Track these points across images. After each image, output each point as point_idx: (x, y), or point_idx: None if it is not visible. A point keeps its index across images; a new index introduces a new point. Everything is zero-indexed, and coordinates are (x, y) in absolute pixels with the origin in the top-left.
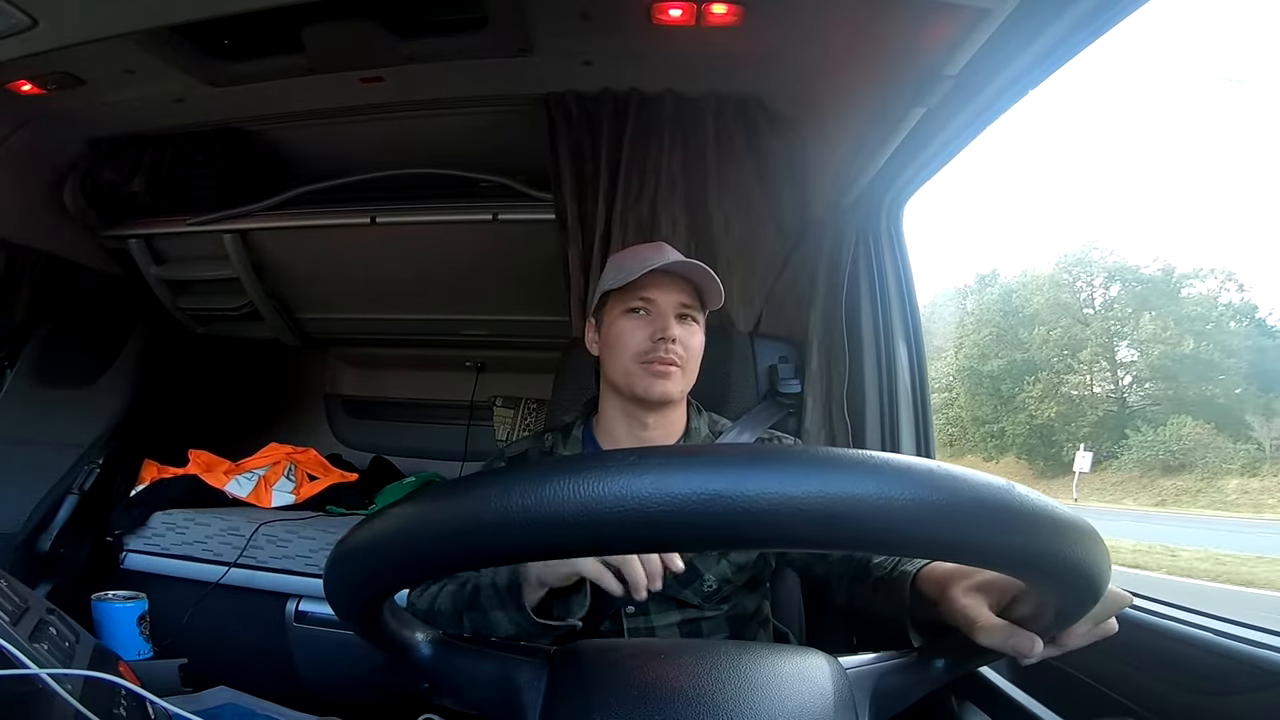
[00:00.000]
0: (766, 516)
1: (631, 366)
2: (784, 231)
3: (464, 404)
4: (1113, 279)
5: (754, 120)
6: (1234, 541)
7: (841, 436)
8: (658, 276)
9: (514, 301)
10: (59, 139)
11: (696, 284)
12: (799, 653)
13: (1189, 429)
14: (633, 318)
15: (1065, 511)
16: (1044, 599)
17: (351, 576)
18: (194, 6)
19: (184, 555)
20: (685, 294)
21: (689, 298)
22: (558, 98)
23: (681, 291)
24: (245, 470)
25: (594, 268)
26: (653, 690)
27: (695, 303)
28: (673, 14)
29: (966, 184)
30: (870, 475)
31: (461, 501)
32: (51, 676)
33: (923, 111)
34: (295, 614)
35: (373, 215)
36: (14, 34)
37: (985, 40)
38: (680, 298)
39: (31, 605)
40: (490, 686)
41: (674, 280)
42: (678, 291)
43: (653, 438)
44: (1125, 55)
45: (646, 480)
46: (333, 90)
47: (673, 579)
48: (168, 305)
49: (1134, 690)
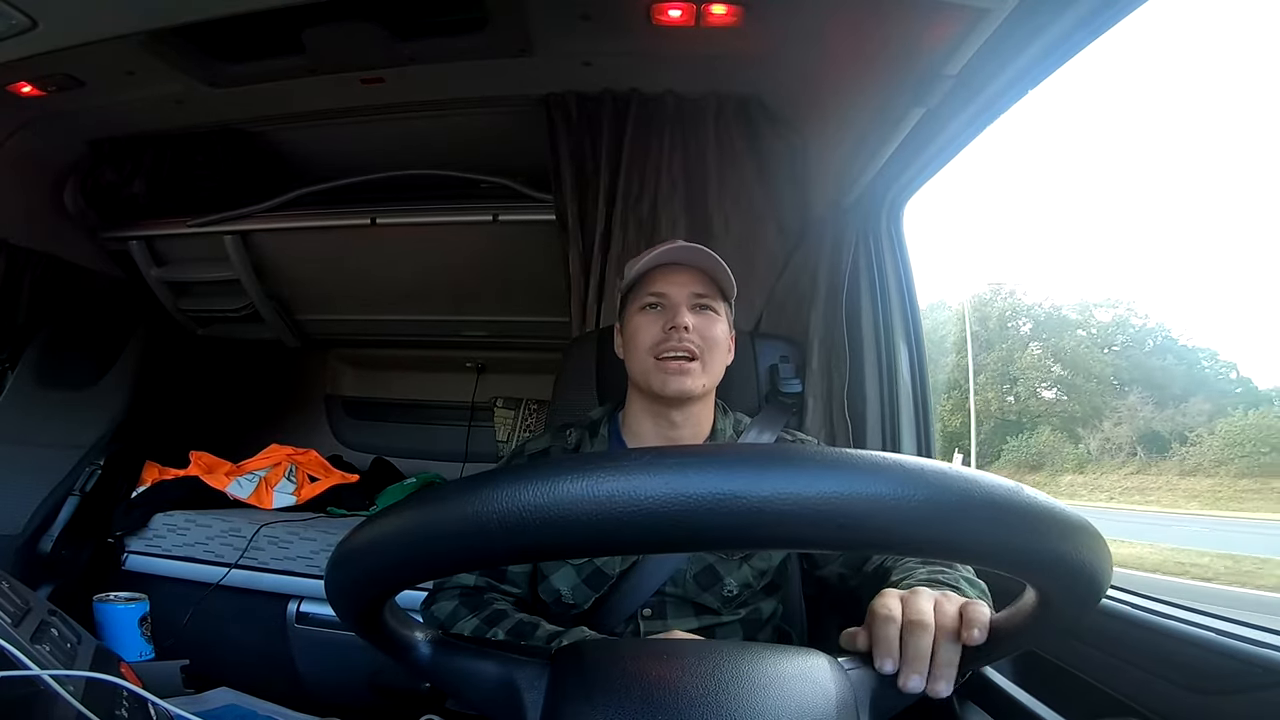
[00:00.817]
0: (778, 517)
1: (648, 362)
2: (784, 231)
3: (465, 405)
4: (1012, 316)
5: (754, 120)
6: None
7: (842, 436)
8: (668, 271)
9: (514, 302)
10: (59, 141)
11: (709, 273)
12: (800, 653)
13: (1045, 437)
14: (647, 313)
15: (1072, 512)
16: (1045, 600)
17: (352, 577)
18: (194, 8)
19: (185, 556)
20: (698, 284)
21: (702, 287)
22: (558, 98)
23: (694, 282)
24: (246, 472)
25: (594, 268)
26: (654, 690)
27: (711, 292)
28: (672, 14)
29: (931, 213)
30: (883, 476)
31: (463, 502)
32: (53, 678)
33: (923, 111)
34: (296, 615)
35: (373, 216)
36: (14, 35)
37: (985, 40)
38: (693, 287)
39: (33, 606)
40: (491, 687)
41: (685, 271)
42: (690, 282)
43: (680, 437)
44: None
45: (659, 481)
46: (333, 91)
47: (693, 583)
48: (168, 307)
49: (1134, 690)
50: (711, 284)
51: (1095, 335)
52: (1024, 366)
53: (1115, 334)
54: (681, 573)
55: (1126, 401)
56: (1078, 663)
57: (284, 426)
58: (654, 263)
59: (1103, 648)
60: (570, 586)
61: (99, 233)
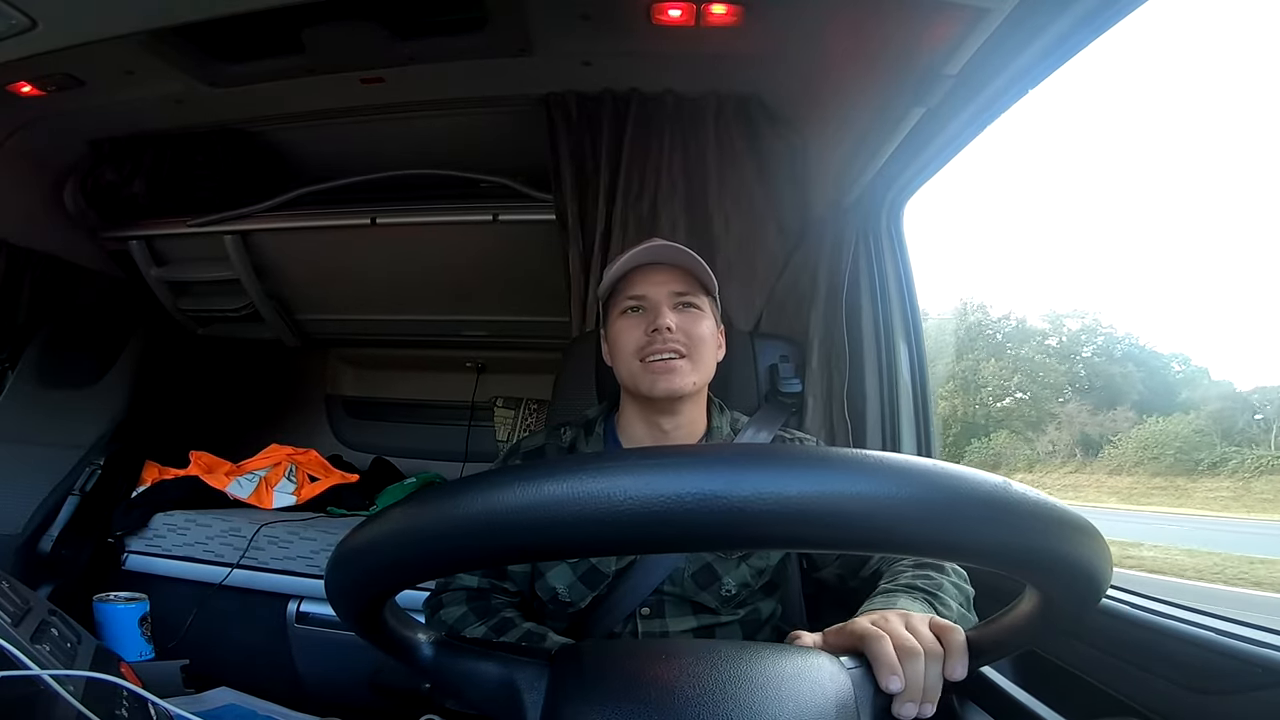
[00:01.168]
0: (763, 516)
1: (634, 366)
2: (784, 231)
3: (465, 405)
4: (979, 330)
5: (754, 120)
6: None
7: (842, 436)
8: (646, 271)
9: (514, 302)
10: (59, 140)
11: (689, 270)
12: (800, 653)
13: (1003, 439)
14: (629, 317)
15: (1072, 512)
16: (1046, 600)
17: (353, 577)
18: (194, 7)
19: (185, 556)
20: (678, 282)
21: (683, 285)
22: (558, 98)
23: (674, 280)
24: (246, 471)
25: (594, 268)
26: (654, 691)
27: (692, 288)
28: (672, 14)
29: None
30: (866, 474)
31: (462, 501)
32: (53, 678)
33: (923, 111)
34: (296, 615)
35: (373, 216)
36: (14, 35)
37: (985, 40)
38: (672, 286)
39: (33, 606)
40: (491, 687)
41: (664, 271)
42: (669, 281)
43: (673, 437)
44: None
45: (650, 480)
46: (333, 91)
47: (691, 582)
48: (168, 306)
49: (1135, 690)
50: (692, 280)
51: (1064, 344)
52: (986, 376)
53: (1084, 342)
54: (680, 571)
55: (1066, 409)
56: (1078, 662)
57: (284, 426)
58: (630, 264)
59: (1103, 647)
60: (567, 584)
61: (99, 232)
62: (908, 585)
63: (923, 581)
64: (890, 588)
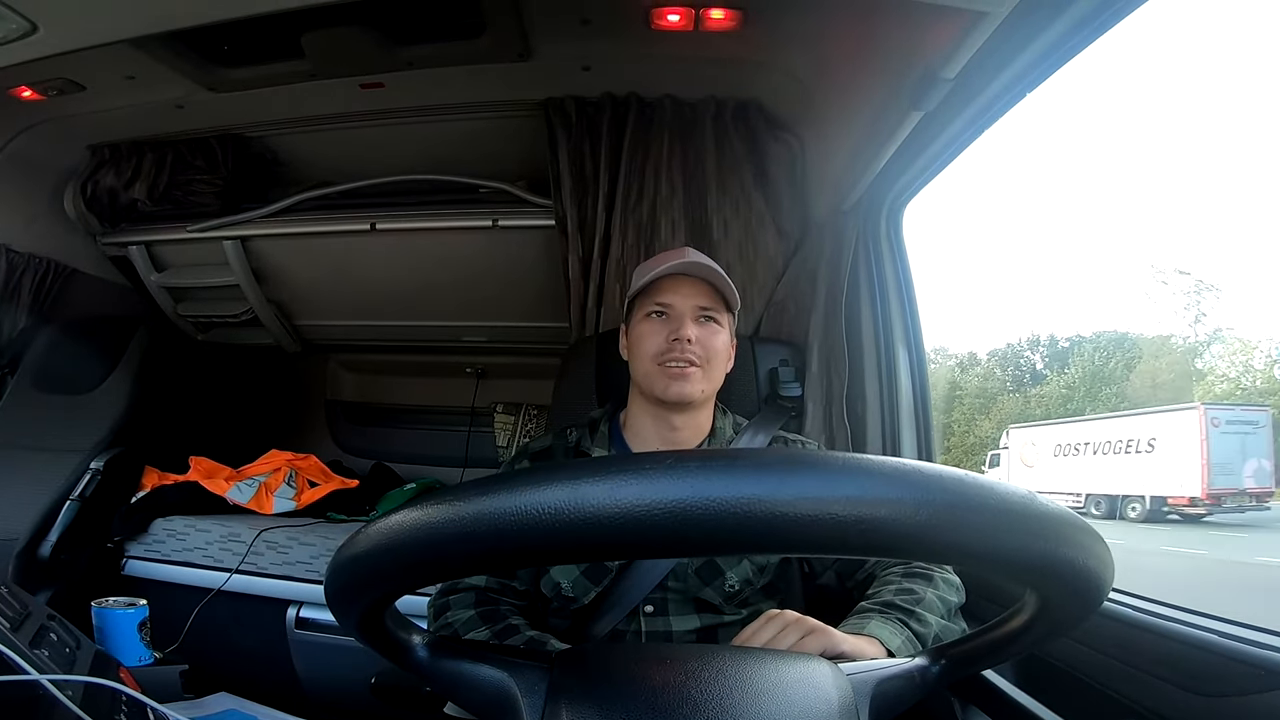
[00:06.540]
0: (799, 522)
1: (651, 368)
2: (784, 235)
3: (465, 410)
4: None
5: (753, 124)
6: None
7: (841, 440)
8: (676, 280)
9: (514, 307)
10: (59, 145)
11: (716, 286)
12: (800, 657)
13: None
14: (652, 321)
15: (1074, 516)
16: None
17: (352, 582)
18: (194, 12)
19: (185, 561)
20: (704, 296)
21: (708, 300)
22: (557, 103)
23: (700, 294)
24: (246, 477)
25: (594, 273)
26: (654, 695)
27: (716, 304)
28: (671, 19)
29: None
30: (907, 483)
31: (463, 506)
32: (52, 682)
33: (921, 115)
34: (296, 620)
35: (373, 221)
36: (14, 40)
37: (983, 43)
38: (698, 300)
39: (32, 611)
40: (491, 691)
41: (692, 283)
42: (696, 294)
43: (679, 439)
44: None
45: (660, 487)
46: (333, 96)
47: (695, 578)
48: (168, 312)
49: (1136, 692)
50: (716, 296)
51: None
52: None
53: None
54: (683, 566)
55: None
56: (1079, 665)
57: (284, 432)
58: (662, 273)
59: (1104, 650)
60: (570, 580)
61: (99, 237)
62: (885, 605)
63: (902, 598)
64: (867, 606)
